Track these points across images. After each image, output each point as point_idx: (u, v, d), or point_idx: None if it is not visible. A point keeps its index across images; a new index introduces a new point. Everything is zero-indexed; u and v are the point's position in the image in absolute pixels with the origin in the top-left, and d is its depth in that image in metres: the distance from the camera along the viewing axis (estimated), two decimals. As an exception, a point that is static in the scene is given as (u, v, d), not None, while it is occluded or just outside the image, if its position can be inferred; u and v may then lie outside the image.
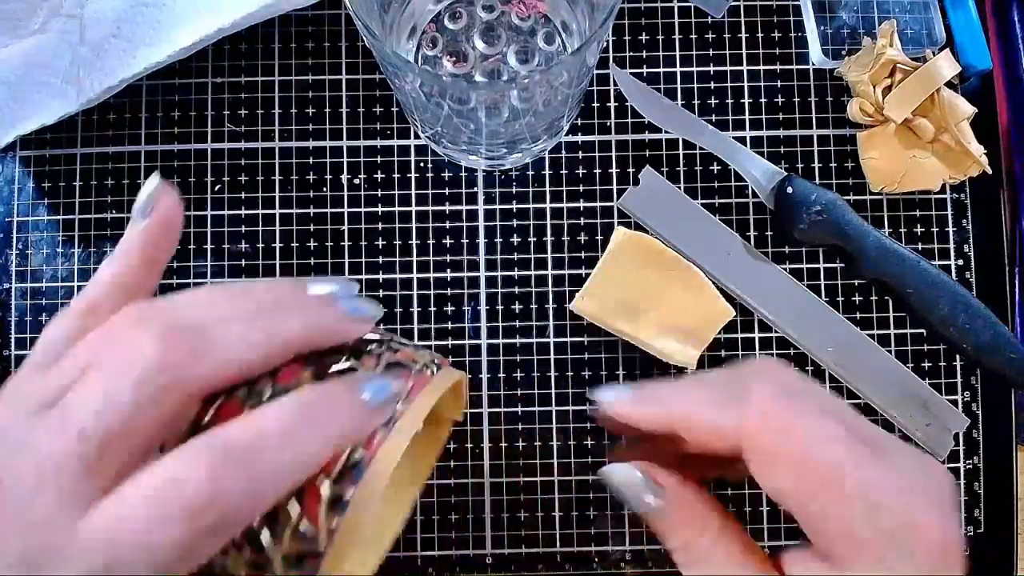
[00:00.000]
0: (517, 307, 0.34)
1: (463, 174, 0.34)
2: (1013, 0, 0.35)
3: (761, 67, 0.35)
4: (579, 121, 0.34)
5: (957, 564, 0.18)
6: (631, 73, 0.34)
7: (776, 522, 0.33)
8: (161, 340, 0.17)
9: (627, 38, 0.35)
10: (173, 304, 0.19)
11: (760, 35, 0.35)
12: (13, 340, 0.33)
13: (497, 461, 0.33)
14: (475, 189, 0.34)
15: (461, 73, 0.31)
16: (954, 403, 0.33)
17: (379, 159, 0.34)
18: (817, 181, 0.34)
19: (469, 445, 0.33)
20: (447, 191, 0.34)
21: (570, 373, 0.33)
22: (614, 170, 0.34)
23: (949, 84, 0.33)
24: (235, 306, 0.19)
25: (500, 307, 0.34)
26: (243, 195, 0.34)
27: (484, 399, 0.33)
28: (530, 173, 0.34)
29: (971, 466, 0.33)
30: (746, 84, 0.35)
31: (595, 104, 0.35)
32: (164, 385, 0.17)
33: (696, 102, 0.35)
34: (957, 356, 0.34)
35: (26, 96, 0.31)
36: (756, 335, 0.34)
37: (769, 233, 0.34)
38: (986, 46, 0.34)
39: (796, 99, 0.35)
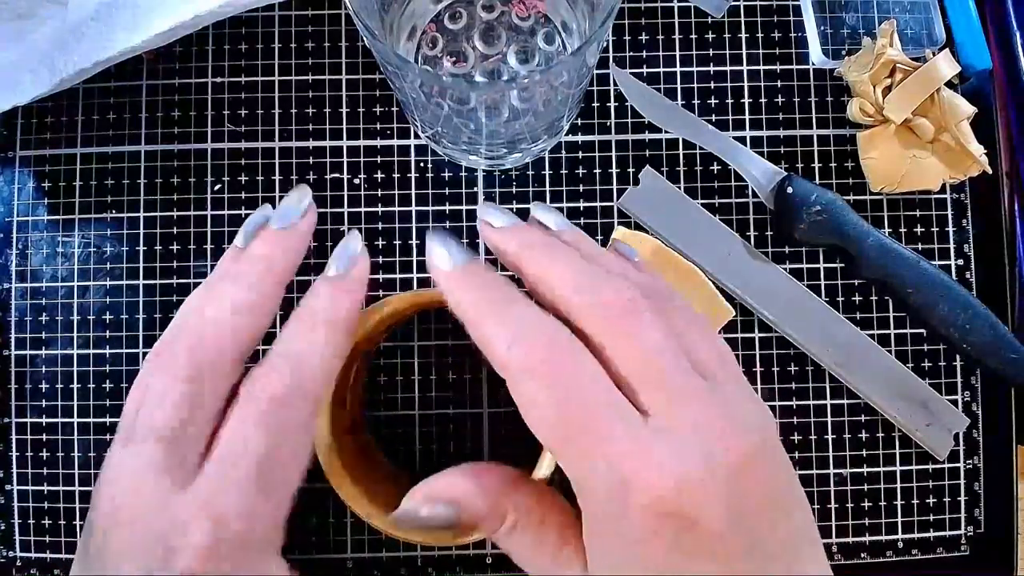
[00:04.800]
0: (517, 307, 0.34)
1: (463, 174, 0.34)
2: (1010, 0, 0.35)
3: (761, 67, 0.35)
4: (579, 121, 0.34)
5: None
6: (631, 73, 0.34)
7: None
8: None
9: (627, 38, 0.35)
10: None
11: (760, 35, 0.35)
12: (13, 340, 0.33)
13: (497, 461, 0.33)
14: (475, 189, 0.34)
15: (461, 73, 0.31)
16: (954, 403, 0.33)
17: (379, 159, 0.34)
18: (817, 181, 0.34)
19: (470, 444, 0.33)
20: (447, 191, 0.34)
21: (570, 373, 0.33)
22: (614, 170, 0.34)
23: (949, 84, 0.33)
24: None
25: (500, 307, 0.34)
26: (243, 195, 0.34)
27: (484, 399, 0.33)
28: (530, 173, 0.34)
29: (971, 466, 0.33)
30: (746, 84, 0.35)
31: (595, 104, 0.35)
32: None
33: (696, 102, 0.35)
34: (957, 356, 0.34)
35: (3, 79, 0.31)
36: (756, 335, 0.34)
37: (769, 233, 0.34)
38: (986, 46, 0.34)
39: (796, 99, 0.35)
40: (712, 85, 0.35)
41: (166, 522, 0.19)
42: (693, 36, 0.35)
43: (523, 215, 0.34)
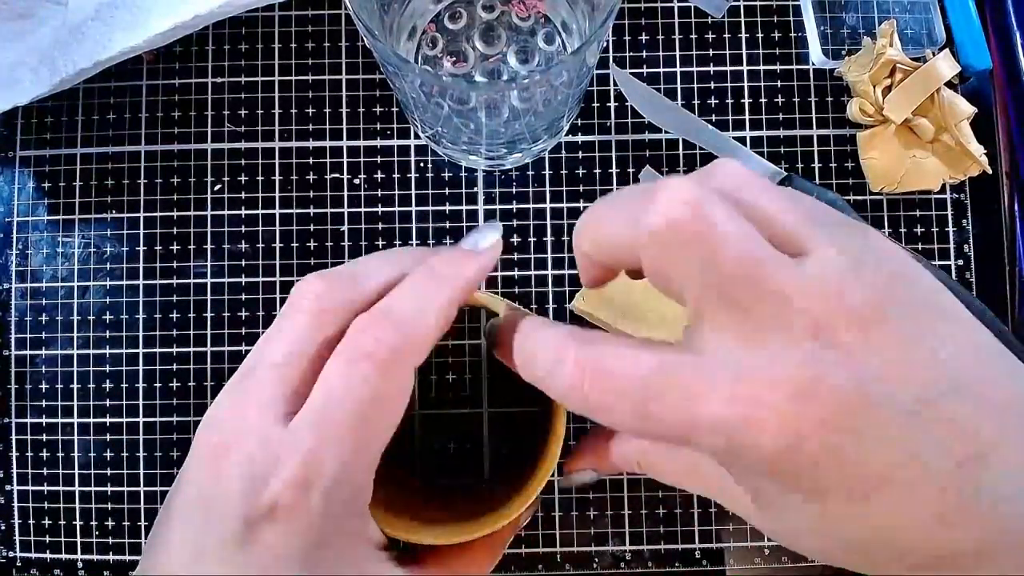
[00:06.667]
0: (517, 307, 0.34)
1: (463, 174, 0.34)
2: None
3: (761, 67, 0.35)
4: (579, 121, 0.34)
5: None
6: (631, 73, 0.34)
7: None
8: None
9: (627, 38, 0.35)
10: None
11: (760, 35, 0.35)
12: (13, 340, 0.33)
13: (498, 461, 0.33)
14: (475, 189, 0.34)
15: (461, 73, 0.31)
16: (954, 403, 0.33)
17: (379, 159, 0.34)
18: (817, 181, 0.34)
19: (469, 445, 0.33)
20: (447, 191, 0.34)
21: (570, 373, 0.33)
22: (614, 170, 0.34)
23: (949, 84, 0.33)
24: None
25: (500, 307, 0.34)
26: (243, 195, 0.34)
27: (484, 399, 0.33)
28: (530, 173, 0.34)
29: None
30: (746, 84, 0.35)
31: (595, 104, 0.35)
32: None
33: (696, 102, 0.35)
34: (957, 356, 0.34)
35: (3, 79, 0.31)
36: (756, 335, 0.34)
37: (769, 233, 0.34)
38: (986, 46, 0.34)
39: (796, 99, 0.35)
40: (712, 85, 0.35)
41: (264, 453, 0.19)
42: (693, 36, 0.35)
43: (523, 213, 0.34)
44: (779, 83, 0.35)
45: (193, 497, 0.20)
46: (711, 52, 0.35)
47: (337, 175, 0.34)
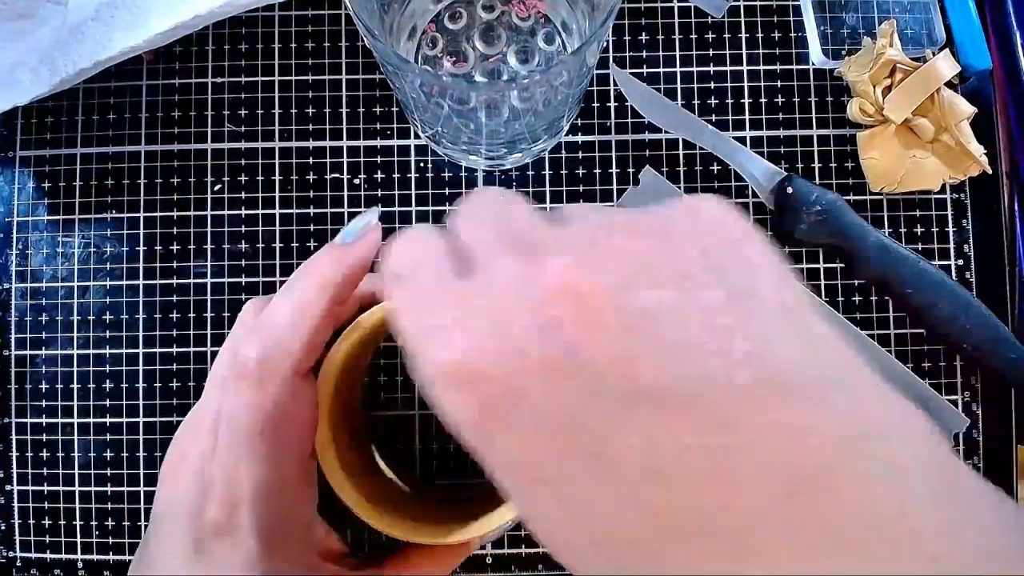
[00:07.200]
0: (517, 307, 0.34)
1: (463, 174, 0.34)
2: None
3: (761, 67, 0.35)
4: (579, 121, 0.34)
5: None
6: (631, 73, 0.34)
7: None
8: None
9: (627, 38, 0.35)
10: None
11: (760, 35, 0.35)
12: (13, 340, 0.33)
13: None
14: (475, 189, 0.34)
15: (461, 73, 0.31)
16: (954, 403, 0.33)
17: (379, 159, 0.34)
18: (817, 181, 0.34)
19: (469, 445, 0.33)
20: (447, 191, 0.34)
21: (570, 373, 0.33)
22: (614, 170, 0.34)
23: (949, 84, 0.33)
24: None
25: (500, 307, 0.34)
26: (243, 195, 0.34)
27: (484, 399, 0.33)
28: (530, 173, 0.34)
29: (971, 466, 0.33)
30: (746, 84, 0.35)
31: (595, 104, 0.35)
32: None
33: (696, 102, 0.35)
34: (957, 356, 0.34)
35: (3, 79, 0.31)
36: (756, 335, 0.34)
37: (769, 233, 0.34)
38: (986, 46, 0.34)
39: (796, 99, 0.35)
40: (712, 85, 0.35)
41: (201, 474, 0.21)
42: (693, 36, 0.35)
43: (523, 215, 0.34)
44: (779, 83, 0.35)
45: (162, 507, 0.22)
46: (711, 52, 0.35)
47: (337, 175, 0.34)
